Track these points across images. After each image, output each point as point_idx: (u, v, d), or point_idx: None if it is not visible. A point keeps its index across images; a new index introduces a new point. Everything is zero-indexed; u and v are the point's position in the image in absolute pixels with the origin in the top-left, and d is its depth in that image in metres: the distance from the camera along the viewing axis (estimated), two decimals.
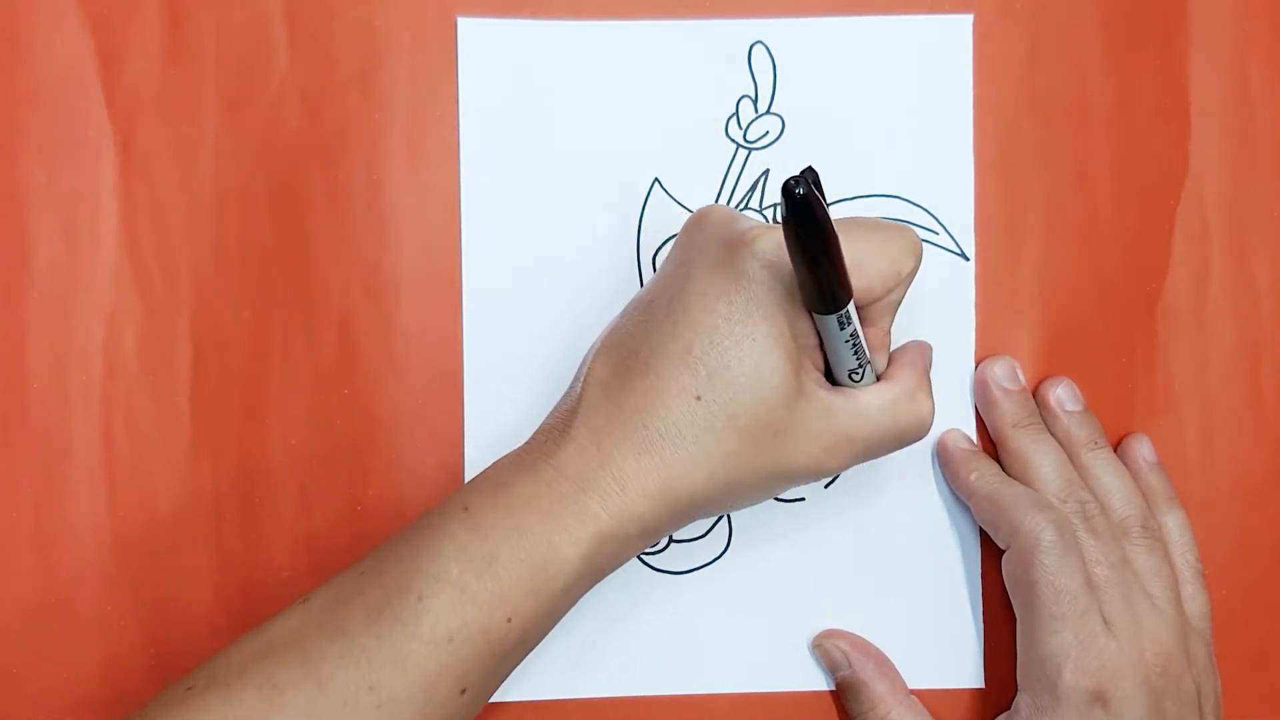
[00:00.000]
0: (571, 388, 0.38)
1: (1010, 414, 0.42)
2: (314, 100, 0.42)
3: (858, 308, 0.36)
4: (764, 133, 0.42)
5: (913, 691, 0.42)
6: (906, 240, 0.37)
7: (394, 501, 0.42)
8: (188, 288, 0.42)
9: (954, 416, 0.43)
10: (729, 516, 0.42)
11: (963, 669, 0.43)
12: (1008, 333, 0.43)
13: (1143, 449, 0.42)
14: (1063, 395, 0.42)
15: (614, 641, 0.42)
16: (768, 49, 0.42)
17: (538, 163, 0.42)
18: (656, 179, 0.42)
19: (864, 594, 0.42)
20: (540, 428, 0.37)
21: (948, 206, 0.43)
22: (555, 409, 0.38)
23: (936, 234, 0.43)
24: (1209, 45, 0.44)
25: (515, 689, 0.42)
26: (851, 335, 0.35)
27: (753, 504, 0.37)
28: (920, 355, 0.39)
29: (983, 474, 0.41)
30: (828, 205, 0.33)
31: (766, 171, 0.42)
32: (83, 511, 0.41)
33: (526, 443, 0.37)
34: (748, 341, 0.35)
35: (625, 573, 0.42)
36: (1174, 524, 0.42)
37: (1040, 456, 0.41)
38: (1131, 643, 0.38)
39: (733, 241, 0.36)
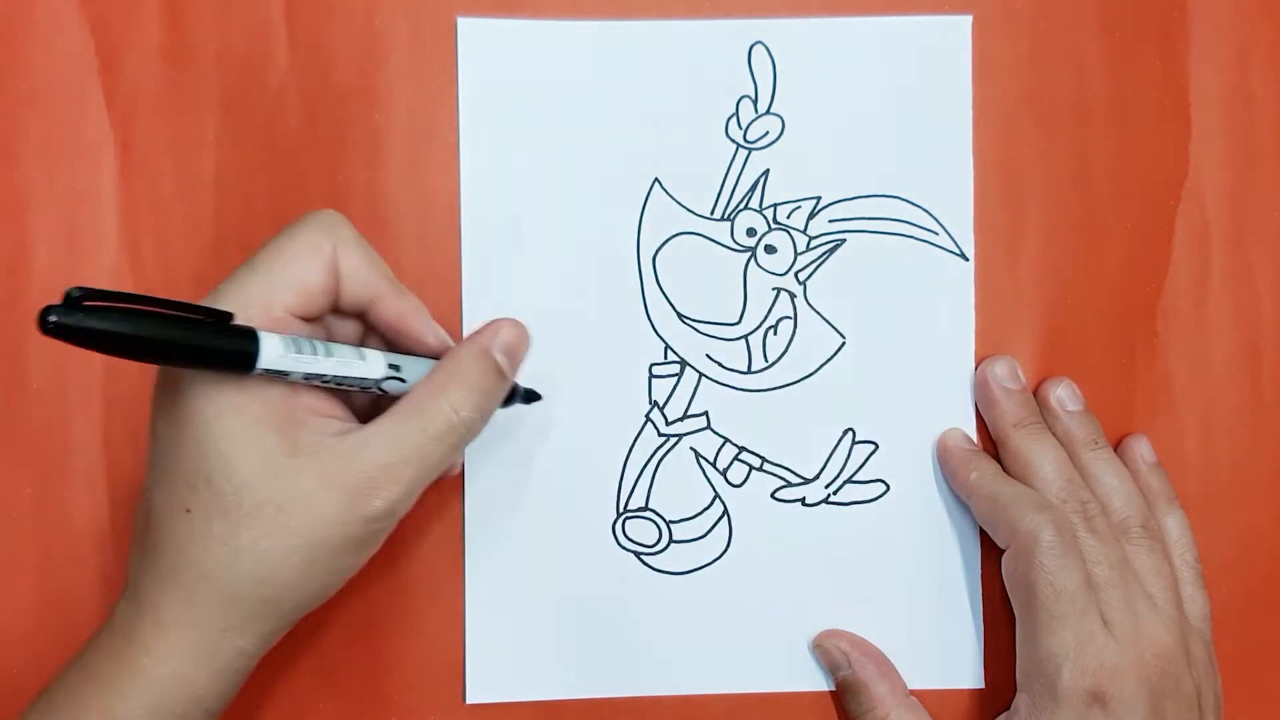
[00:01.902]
0: None
1: (1011, 413, 0.42)
2: (314, 100, 0.42)
3: (315, 320, 0.35)
4: (764, 133, 0.42)
5: (913, 692, 0.42)
6: (307, 227, 0.35)
7: None
8: (188, 288, 0.42)
9: (954, 416, 0.43)
10: (729, 516, 0.42)
11: (963, 669, 0.43)
12: (1007, 333, 0.43)
13: (1142, 449, 0.42)
14: (1063, 395, 0.42)
15: (614, 641, 0.42)
16: (767, 49, 0.42)
17: (538, 163, 0.42)
18: (656, 179, 0.42)
19: (864, 594, 0.42)
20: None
21: (947, 206, 0.43)
22: None
23: (936, 234, 0.43)
24: (1209, 45, 0.44)
25: (515, 689, 0.42)
26: (308, 375, 0.33)
27: (347, 574, 0.35)
28: (474, 336, 0.36)
29: (983, 473, 0.41)
30: (120, 304, 0.30)
31: (766, 171, 0.42)
32: (83, 512, 0.41)
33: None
34: (204, 436, 0.33)
35: (625, 573, 0.42)
36: (1174, 524, 0.42)
37: (1040, 456, 0.41)
38: (1130, 643, 0.38)
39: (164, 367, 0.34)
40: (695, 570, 0.42)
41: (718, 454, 0.42)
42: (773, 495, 0.42)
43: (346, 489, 0.33)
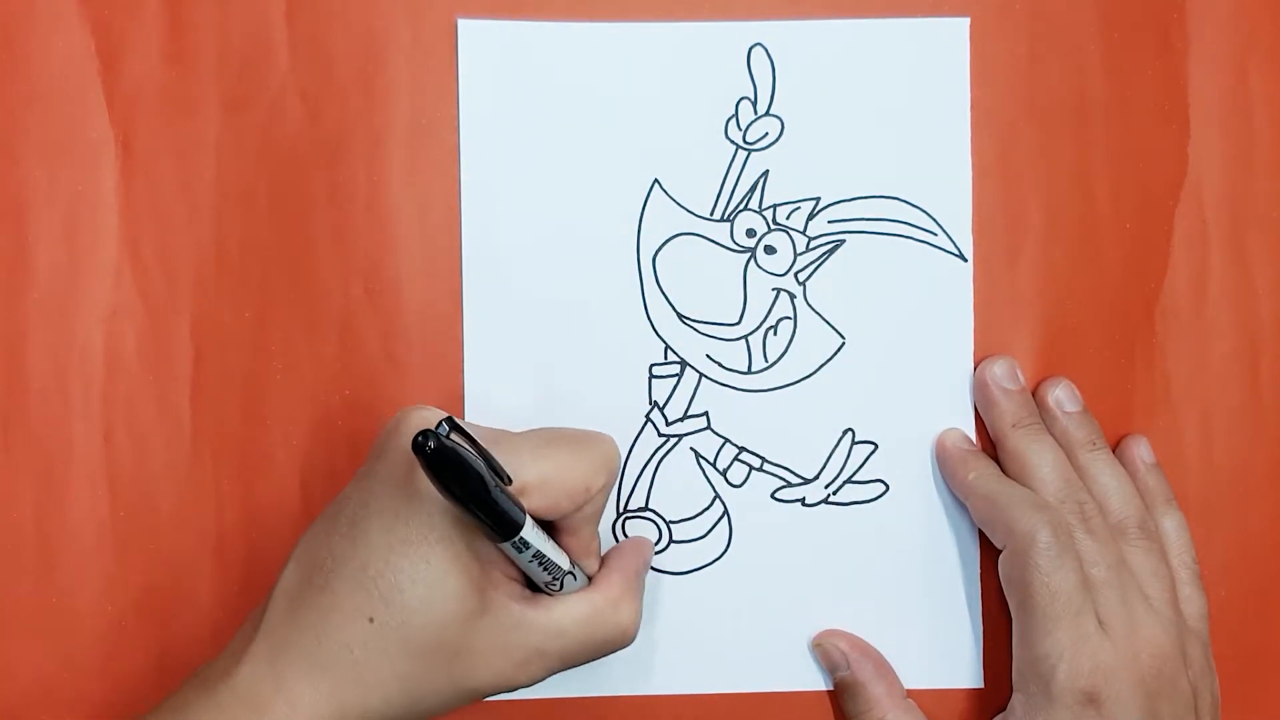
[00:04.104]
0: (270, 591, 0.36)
1: (1010, 414, 0.42)
2: (314, 101, 0.42)
3: (551, 522, 0.37)
4: (763, 134, 0.43)
5: (911, 692, 0.42)
6: (598, 455, 0.37)
7: None
8: (188, 288, 0.42)
9: (954, 416, 0.43)
10: (729, 517, 0.42)
11: (961, 669, 0.43)
12: (1006, 333, 0.43)
13: (1140, 450, 0.42)
14: (1061, 396, 0.42)
15: None
16: (766, 51, 0.42)
17: (538, 163, 0.42)
18: (656, 180, 0.42)
19: (863, 594, 0.42)
20: (236, 634, 0.36)
21: (946, 207, 0.43)
22: (252, 614, 0.36)
23: (935, 235, 0.43)
24: (1208, 45, 0.44)
25: None
26: (535, 556, 0.35)
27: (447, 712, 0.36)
28: (632, 558, 0.39)
29: (981, 474, 0.41)
30: (469, 449, 0.32)
31: (766, 172, 0.42)
32: (83, 511, 0.41)
33: (220, 654, 0.36)
34: (422, 565, 0.34)
35: None
36: (1172, 525, 0.42)
37: (1039, 456, 0.41)
38: (1126, 644, 0.38)
39: (415, 459, 0.34)
40: (695, 570, 0.42)
41: (718, 454, 0.43)
42: (773, 495, 0.43)
43: (510, 658, 0.35)
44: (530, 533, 0.34)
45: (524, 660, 0.36)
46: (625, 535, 0.42)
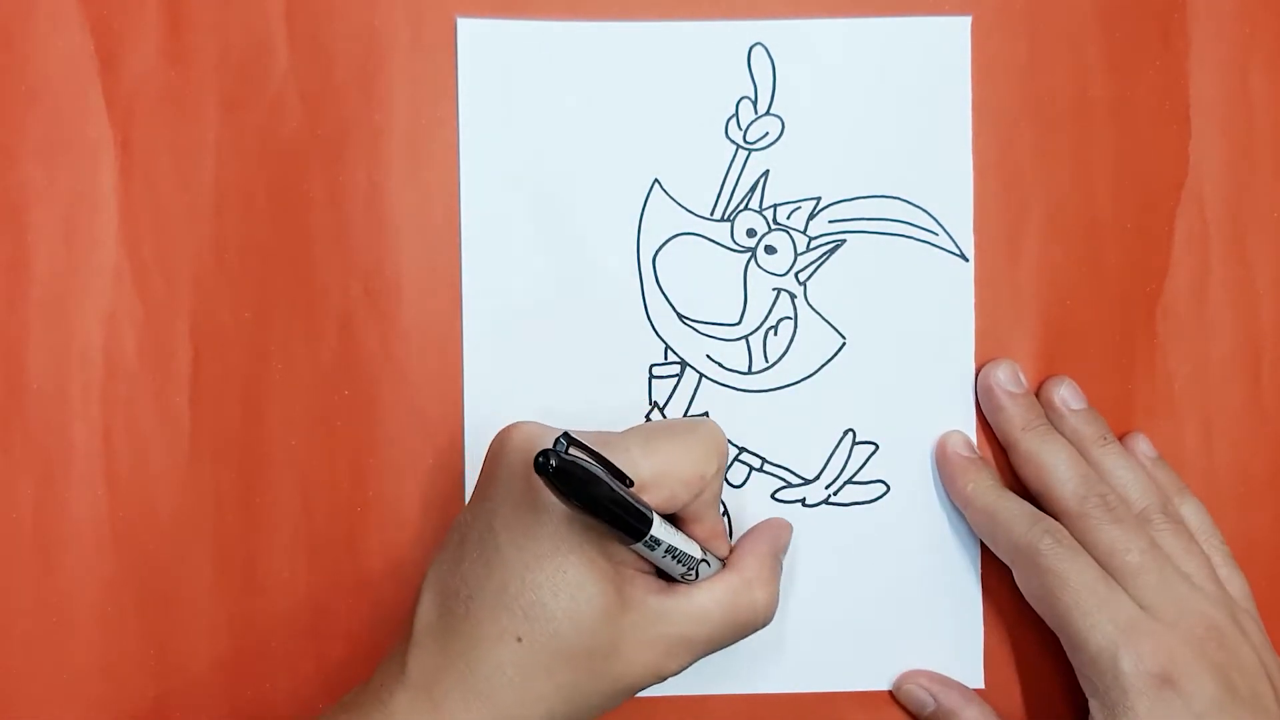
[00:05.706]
0: (408, 623, 0.36)
1: (1018, 417, 0.41)
2: (314, 101, 0.42)
3: (672, 514, 0.37)
4: (764, 134, 0.43)
5: None
6: (706, 443, 0.37)
7: (394, 502, 0.42)
8: (188, 288, 0.42)
9: (954, 416, 0.43)
10: (729, 517, 0.42)
11: (963, 669, 0.42)
12: (1007, 333, 0.43)
13: (1141, 445, 0.42)
14: (1066, 394, 0.42)
15: None
16: (767, 50, 0.42)
17: (538, 163, 0.42)
18: (656, 179, 0.42)
19: (864, 594, 0.42)
20: (378, 668, 0.36)
21: (947, 207, 0.43)
22: (395, 647, 0.36)
23: (936, 235, 0.43)
24: (1209, 46, 0.44)
25: None
26: (667, 551, 0.35)
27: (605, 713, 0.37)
28: (766, 540, 0.39)
29: (979, 485, 0.41)
30: (587, 459, 0.33)
31: (766, 172, 0.42)
32: (83, 511, 0.41)
33: (366, 683, 0.36)
34: (559, 575, 0.34)
35: None
36: (1191, 511, 0.42)
37: (1053, 456, 0.41)
38: (1176, 621, 0.38)
39: (532, 474, 0.35)
40: None
41: None
42: (773, 496, 0.42)
43: (658, 650, 0.36)
44: (659, 529, 0.35)
45: (670, 649, 0.36)
46: None
